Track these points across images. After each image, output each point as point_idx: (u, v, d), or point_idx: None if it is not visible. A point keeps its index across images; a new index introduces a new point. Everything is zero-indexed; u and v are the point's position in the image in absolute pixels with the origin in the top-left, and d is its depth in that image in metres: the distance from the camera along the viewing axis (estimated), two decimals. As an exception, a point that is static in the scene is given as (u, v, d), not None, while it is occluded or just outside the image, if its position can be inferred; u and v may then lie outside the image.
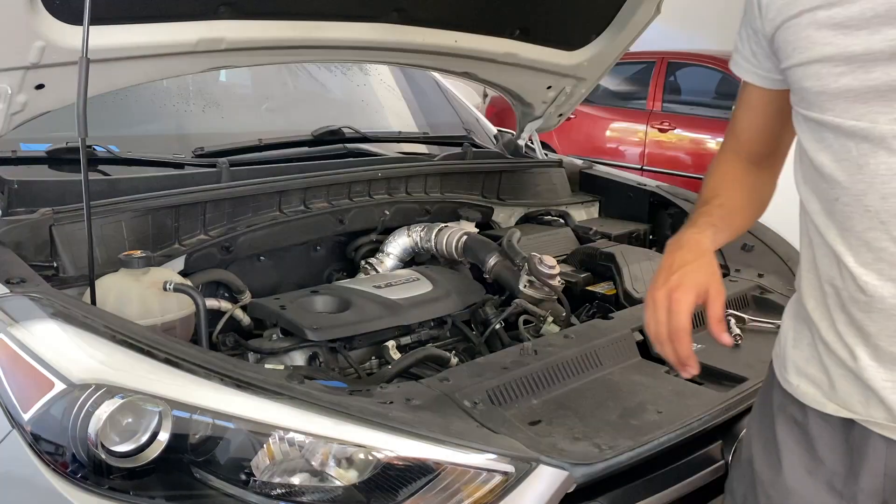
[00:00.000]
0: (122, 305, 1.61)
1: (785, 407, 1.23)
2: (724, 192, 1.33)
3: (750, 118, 1.32)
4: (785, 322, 1.27)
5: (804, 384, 1.19)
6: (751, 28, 1.21)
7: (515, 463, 1.31)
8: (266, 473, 1.27)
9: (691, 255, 1.21)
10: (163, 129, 2.51)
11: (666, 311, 1.18)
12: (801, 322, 1.21)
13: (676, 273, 1.19)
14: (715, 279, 1.20)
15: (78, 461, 1.25)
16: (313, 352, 1.79)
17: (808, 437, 1.19)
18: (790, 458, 1.21)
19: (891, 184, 1.01)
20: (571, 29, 2.51)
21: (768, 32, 1.15)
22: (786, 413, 1.23)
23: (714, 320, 1.18)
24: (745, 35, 1.23)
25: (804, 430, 1.20)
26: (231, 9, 1.88)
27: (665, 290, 1.18)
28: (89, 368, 1.31)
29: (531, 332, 1.98)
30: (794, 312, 1.24)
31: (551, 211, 2.72)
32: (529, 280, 2.05)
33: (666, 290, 1.18)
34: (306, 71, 2.94)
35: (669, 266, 1.20)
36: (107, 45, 1.74)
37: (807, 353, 1.19)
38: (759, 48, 1.21)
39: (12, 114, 1.76)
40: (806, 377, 1.19)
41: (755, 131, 1.32)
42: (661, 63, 7.37)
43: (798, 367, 1.20)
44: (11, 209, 1.81)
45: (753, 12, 1.18)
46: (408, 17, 2.17)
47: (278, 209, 2.16)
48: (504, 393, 1.53)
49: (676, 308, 1.17)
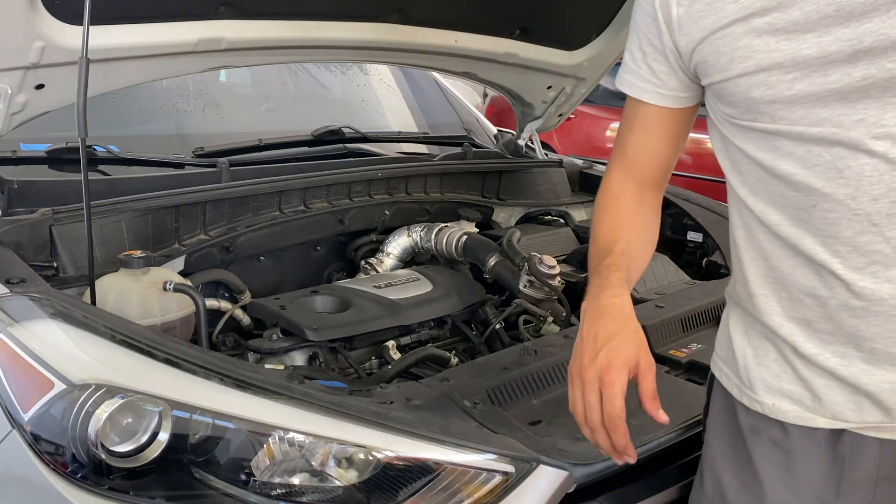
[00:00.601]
0: (122, 305, 1.61)
1: (759, 430, 1.17)
2: (623, 235, 1.24)
3: (645, 141, 1.26)
4: (735, 341, 1.21)
5: (781, 402, 1.14)
6: (649, 46, 1.17)
7: (515, 463, 1.31)
8: (266, 473, 1.27)
9: (615, 324, 1.12)
10: (163, 129, 2.51)
11: (597, 394, 1.08)
12: (760, 338, 1.17)
13: (604, 349, 1.09)
14: (644, 350, 1.11)
15: (78, 461, 1.25)
16: (313, 352, 1.79)
17: (789, 457, 1.14)
18: (772, 483, 1.16)
19: (879, 184, 0.98)
20: (571, 29, 2.51)
21: (684, 48, 1.11)
22: (761, 436, 1.17)
23: (647, 397, 1.09)
24: (640, 55, 1.19)
25: (784, 449, 1.15)
26: (231, 9, 1.88)
27: (594, 371, 1.08)
28: (89, 368, 1.31)
29: (531, 332, 1.98)
30: (745, 329, 1.19)
31: (551, 211, 2.72)
32: (529, 280, 2.05)
33: (595, 371, 1.08)
34: (306, 71, 2.94)
35: (594, 339, 1.10)
36: (107, 45, 1.74)
37: (775, 369, 1.14)
38: (662, 66, 1.17)
39: (12, 114, 1.76)
40: (781, 394, 1.14)
41: (651, 154, 1.26)
42: (661, 63, 7.35)
43: (769, 385, 1.15)
44: (11, 209, 1.81)
45: (654, 31, 1.15)
46: (408, 17, 2.17)
47: (278, 209, 2.16)
48: (504, 393, 1.53)
49: (610, 392, 1.06)
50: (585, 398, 1.09)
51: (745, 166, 1.12)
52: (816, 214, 1.04)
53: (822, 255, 1.05)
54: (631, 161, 1.28)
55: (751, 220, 1.13)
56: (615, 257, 1.20)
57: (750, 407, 1.18)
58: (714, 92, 1.12)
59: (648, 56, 1.18)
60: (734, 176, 1.15)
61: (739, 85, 1.06)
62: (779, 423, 1.15)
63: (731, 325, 1.23)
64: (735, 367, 1.21)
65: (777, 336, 1.13)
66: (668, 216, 2.70)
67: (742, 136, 1.10)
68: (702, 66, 1.11)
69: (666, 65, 1.17)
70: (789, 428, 1.14)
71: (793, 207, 1.06)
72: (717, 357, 1.29)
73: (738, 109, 1.08)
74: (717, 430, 1.27)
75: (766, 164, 1.07)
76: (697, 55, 1.10)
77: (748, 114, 1.07)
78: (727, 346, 1.24)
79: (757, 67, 1.03)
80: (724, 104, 1.11)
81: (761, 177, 1.09)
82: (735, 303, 1.24)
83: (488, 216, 2.62)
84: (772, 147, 1.06)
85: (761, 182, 1.09)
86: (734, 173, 1.15)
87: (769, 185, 1.08)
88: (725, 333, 1.26)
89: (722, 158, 1.17)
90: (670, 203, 2.68)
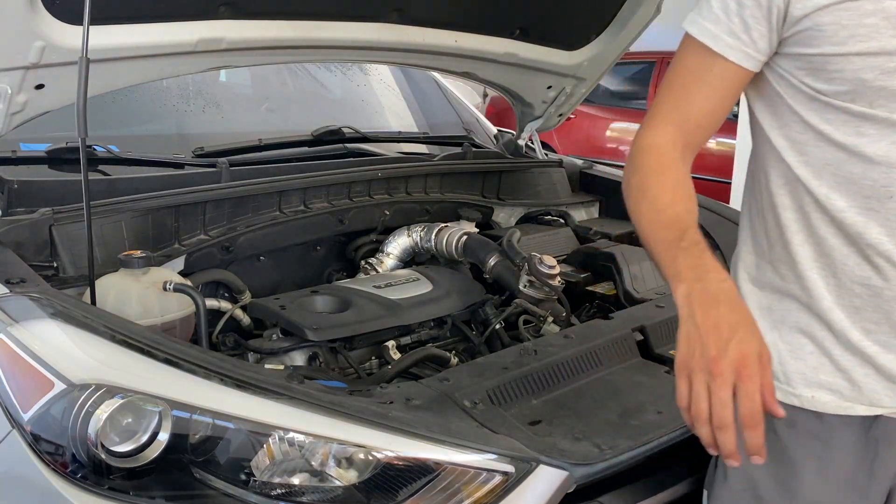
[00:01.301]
0: (121, 305, 1.61)
1: (795, 423, 1.17)
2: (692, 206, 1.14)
3: (712, 100, 1.15)
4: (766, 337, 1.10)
5: (820, 394, 1.15)
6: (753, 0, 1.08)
7: (515, 463, 1.31)
8: (266, 473, 1.27)
9: (736, 314, 1.00)
10: (163, 129, 2.51)
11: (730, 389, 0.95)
12: (793, 332, 1.17)
13: (733, 340, 0.97)
14: (764, 342, 1.01)
15: (78, 461, 1.25)
16: (313, 352, 1.79)
17: (825, 447, 1.16)
18: (809, 474, 1.17)
19: None
20: (571, 29, 2.51)
21: (797, 10, 1.04)
22: (797, 429, 1.18)
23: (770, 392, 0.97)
24: (734, 6, 1.09)
25: (822, 440, 1.16)
26: (231, 9, 1.88)
27: (728, 363, 0.95)
28: (89, 368, 1.31)
29: (531, 332, 1.98)
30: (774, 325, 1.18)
31: (551, 211, 2.72)
32: (529, 280, 2.05)
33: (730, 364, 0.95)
34: (306, 71, 2.94)
35: (716, 328, 0.98)
36: (107, 45, 1.74)
37: (812, 362, 1.15)
38: (760, 24, 1.08)
39: (12, 114, 1.76)
40: (819, 386, 1.15)
41: (712, 117, 1.16)
42: (661, 63, 7.37)
43: (806, 378, 1.16)
44: (11, 209, 1.81)
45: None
46: (408, 17, 2.17)
47: (278, 209, 2.16)
48: (504, 393, 1.53)
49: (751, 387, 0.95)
50: (716, 393, 0.95)
51: (813, 148, 1.08)
52: (891, 205, 1.03)
53: (887, 246, 1.05)
54: (690, 120, 1.16)
55: (808, 202, 1.11)
56: (696, 233, 1.09)
57: (784, 401, 1.16)
58: (812, 64, 1.05)
59: (746, 9, 1.08)
60: (793, 156, 1.11)
61: (853, 63, 1.01)
62: (815, 413, 1.16)
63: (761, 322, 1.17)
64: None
65: (821, 322, 1.13)
66: (668, 216, 2.70)
67: (822, 115, 1.06)
68: (810, 34, 1.04)
69: (765, 24, 1.08)
70: (826, 418, 1.15)
71: (864, 195, 1.05)
72: None
73: (837, 88, 1.04)
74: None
75: (847, 147, 1.05)
76: (810, 21, 1.03)
77: (848, 94, 1.03)
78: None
79: (879, 49, 0.99)
80: (819, 79, 1.05)
81: (833, 160, 1.06)
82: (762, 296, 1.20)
83: (488, 216, 2.62)
84: (856, 132, 1.04)
85: (830, 166, 1.07)
86: (793, 153, 1.11)
87: (841, 169, 1.06)
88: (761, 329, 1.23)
89: (775, 136, 1.13)
90: (670, 203, 2.67)
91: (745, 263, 1.25)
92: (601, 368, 1.69)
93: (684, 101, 1.16)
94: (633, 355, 1.78)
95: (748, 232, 1.25)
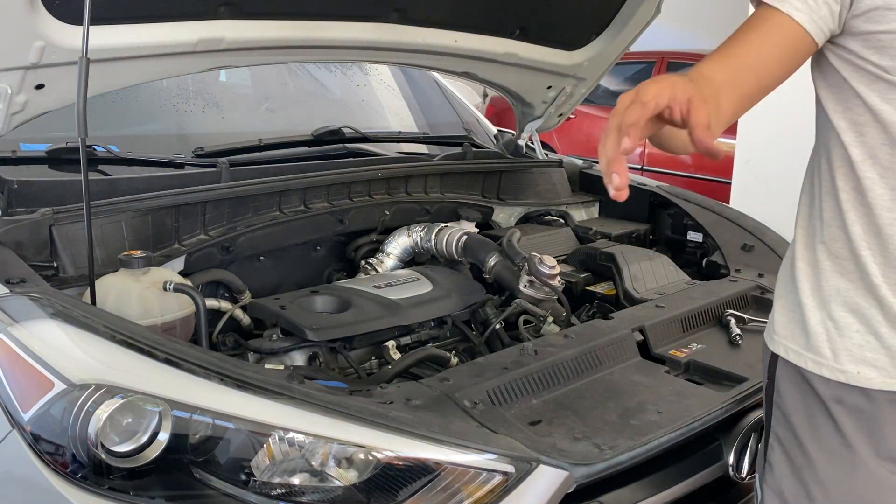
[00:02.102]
0: (122, 305, 1.61)
1: (842, 399, 1.22)
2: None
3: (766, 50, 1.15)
4: (811, 317, 1.25)
5: (866, 370, 1.20)
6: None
7: (515, 463, 1.31)
8: (266, 473, 1.27)
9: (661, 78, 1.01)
10: (163, 129, 2.51)
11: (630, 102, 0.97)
12: (841, 310, 1.22)
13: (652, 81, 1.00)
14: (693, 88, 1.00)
15: (78, 461, 1.25)
16: (313, 352, 1.79)
17: (874, 422, 1.21)
18: (862, 447, 1.22)
19: None
20: (571, 29, 2.51)
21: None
22: (845, 404, 1.22)
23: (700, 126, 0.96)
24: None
25: (870, 415, 1.21)
26: (231, 9, 1.88)
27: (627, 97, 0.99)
28: (89, 368, 1.31)
29: (531, 332, 1.98)
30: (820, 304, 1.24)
31: (551, 211, 2.73)
32: (529, 280, 2.05)
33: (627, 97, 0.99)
34: (306, 71, 2.94)
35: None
36: (107, 45, 1.74)
37: (858, 340, 1.20)
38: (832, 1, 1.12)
39: (12, 114, 1.76)
40: (864, 363, 1.20)
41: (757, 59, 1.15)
42: (661, 63, 7.37)
43: (853, 354, 1.21)
44: (11, 209, 1.81)
45: None
46: (408, 17, 2.17)
47: (278, 209, 2.16)
48: (504, 393, 1.53)
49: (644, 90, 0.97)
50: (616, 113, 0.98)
51: (870, 129, 1.14)
52: None
53: None
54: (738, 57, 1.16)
55: (861, 181, 1.17)
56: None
57: (830, 377, 1.22)
58: (880, 42, 1.10)
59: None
60: (852, 136, 1.17)
61: None
62: (862, 390, 1.20)
63: (805, 301, 1.26)
64: (810, 341, 1.25)
65: (868, 299, 1.19)
66: (668, 216, 2.70)
67: (884, 95, 1.11)
68: (881, 13, 1.09)
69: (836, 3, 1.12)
70: (873, 394, 1.20)
71: None
72: (777, 337, 1.31)
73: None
74: (793, 406, 1.29)
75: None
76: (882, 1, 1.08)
77: None
78: (797, 326, 1.27)
79: None
80: (883, 56, 1.10)
81: (887, 141, 1.12)
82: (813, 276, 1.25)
83: (488, 216, 2.62)
84: None
85: (885, 146, 1.13)
86: (852, 134, 1.17)
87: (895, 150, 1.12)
88: (792, 314, 1.29)
89: (836, 118, 1.19)
90: (670, 203, 2.68)
91: (800, 245, 1.30)
92: (601, 368, 1.70)
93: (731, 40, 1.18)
94: (633, 355, 1.78)
95: (805, 216, 1.29)
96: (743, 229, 2.50)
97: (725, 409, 1.58)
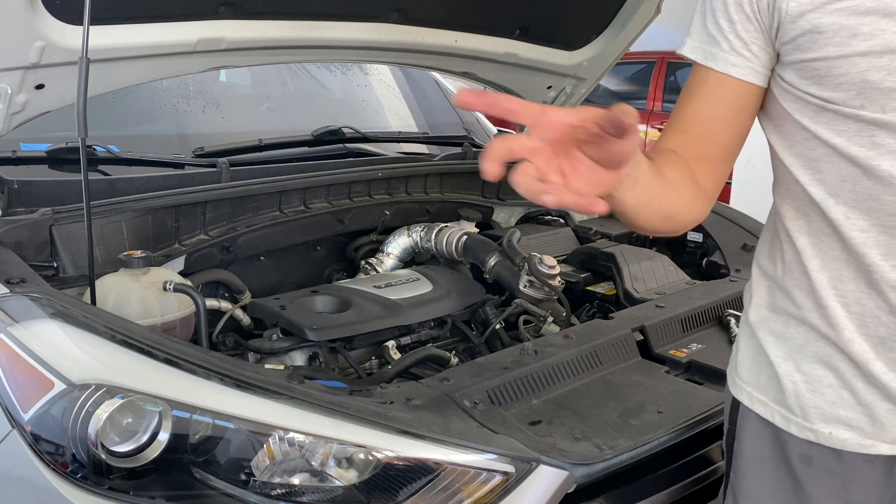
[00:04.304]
0: (122, 305, 1.61)
1: (811, 459, 1.10)
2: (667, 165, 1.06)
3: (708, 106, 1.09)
4: (779, 367, 1.12)
5: (839, 430, 1.07)
6: (739, 13, 1.04)
7: (515, 463, 1.31)
8: (266, 473, 1.27)
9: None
10: (163, 129, 2.50)
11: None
12: (811, 363, 1.09)
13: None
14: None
15: (78, 461, 1.25)
16: (313, 352, 1.79)
17: (844, 484, 1.09)
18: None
19: None
20: (571, 29, 2.51)
21: (792, 11, 0.98)
22: (814, 466, 1.10)
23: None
24: (726, 24, 1.05)
25: (840, 477, 1.09)
26: (231, 9, 1.88)
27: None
28: (89, 368, 1.31)
29: (531, 332, 1.98)
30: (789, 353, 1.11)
31: (551, 211, 2.72)
32: (529, 280, 2.05)
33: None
34: (306, 71, 2.94)
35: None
36: (107, 45, 1.74)
37: (830, 396, 1.07)
38: (755, 37, 1.04)
39: (12, 114, 1.76)
40: (838, 422, 1.07)
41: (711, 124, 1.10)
42: (661, 63, 7.38)
43: (824, 413, 1.08)
44: (11, 209, 1.81)
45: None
46: (408, 17, 2.17)
47: (278, 209, 2.16)
48: (504, 393, 1.53)
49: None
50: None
51: (827, 164, 1.01)
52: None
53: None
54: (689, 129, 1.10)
55: (824, 225, 1.04)
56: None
57: (800, 436, 1.10)
58: (815, 71, 0.98)
59: (738, 25, 1.04)
60: (806, 174, 1.04)
61: (857, 65, 0.95)
62: (833, 450, 1.08)
63: (769, 349, 1.13)
64: (777, 394, 1.12)
65: (842, 353, 1.05)
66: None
67: (832, 127, 0.99)
68: (809, 38, 0.97)
69: (760, 35, 1.03)
70: (846, 455, 1.07)
71: (886, 213, 0.97)
72: (741, 382, 1.19)
73: (845, 94, 0.96)
74: (754, 460, 1.18)
75: (861, 161, 0.97)
76: (807, 23, 0.97)
77: (856, 99, 0.96)
78: (762, 372, 1.15)
79: (884, 48, 0.93)
80: (822, 86, 0.98)
81: (849, 176, 0.99)
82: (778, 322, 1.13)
83: (488, 216, 2.62)
84: (870, 142, 0.96)
85: (847, 183, 0.99)
86: (806, 171, 1.04)
87: (858, 185, 0.98)
88: (757, 358, 1.16)
89: (786, 155, 1.07)
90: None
91: (760, 287, 1.18)
92: (601, 368, 1.70)
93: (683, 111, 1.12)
94: (633, 355, 1.78)
95: (766, 256, 1.18)
96: (743, 229, 2.50)
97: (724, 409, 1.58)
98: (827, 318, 1.06)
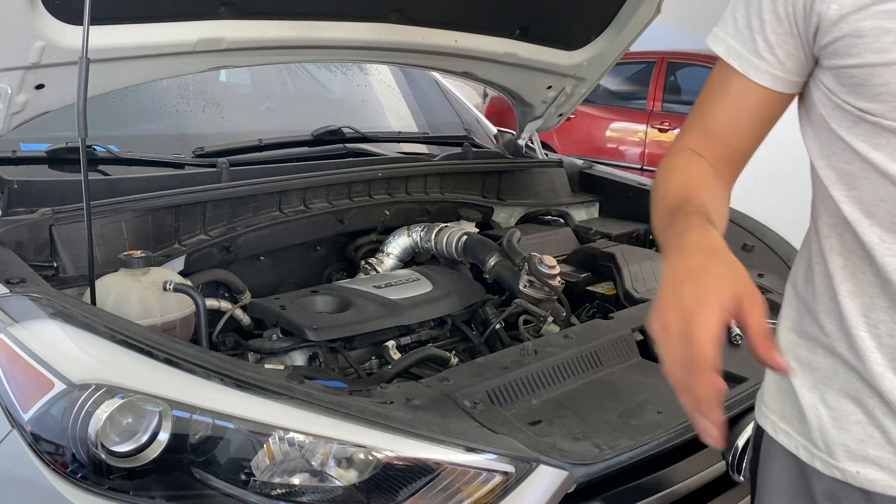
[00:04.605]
0: (122, 305, 1.61)
1: (837, 497, 1.02)
2: (700, 195, 1.02)
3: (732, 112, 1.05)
4: (803, 398, 1.04)
5: (866, 470, 0.99)
6: (771, 14, 0.97)
7: (515, 463, 1.31)
8: (266, 473, 1.27)
9: (699, 257, 0.86)
10: (163, 129, 2.50)
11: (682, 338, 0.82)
12: (838, 396, 1.01)
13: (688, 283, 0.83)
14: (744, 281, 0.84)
15: (78, 461, 1.25)
16: (313, 352, 1.79)
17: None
18: None
19: None
20: (571, 29, 2.51)
21: (831, 14, 0.90)
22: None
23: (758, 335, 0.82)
24: (756, 22, 0.98)
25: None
26: (231, 9, 1.88)
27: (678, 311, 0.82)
28: (89, 368, 1.31)
29: (531, 332, 1.98)
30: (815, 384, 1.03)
31: (551, 211, 2.73)
32: (529, 280, 2.05)
33: (679, 311, 0.82)
34: (306, 71, 2.94)
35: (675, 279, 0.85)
36: (107, 45, 1.74)
37: (859, 433, 0.99)
38: (784, 40, 0.97)
39: (12, 114, 1.76)
40: (866, 461, 0.99)
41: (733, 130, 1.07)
42: (661, 63, 7.38)
43: (851, 451, 1.00)
44: (11, 209, 1.81)
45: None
46: (408, 17, 2.17)
47: (278, 209, 2.16)
48: (504, 393, 1.53)
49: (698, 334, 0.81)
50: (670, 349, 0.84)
51: (864, 180, 0.93)
52: None
53: None
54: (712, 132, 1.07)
55: (857, 247, 0.96)
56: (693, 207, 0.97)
57: (825, 472, 1.03)
58: (853, 79, 0.91)
59: (768, 27, 0.98)
60: (840, 190, 0.96)
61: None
62: (862, 490, 1.00)
63: (795, 377, 1.05)
64: (803, 427, 1.05)
65: (871, 389, 0.97)
66: (668, 216, 2.70)
67: (870, 141, 0.91)
68: (848, 41, 0.90)
69: (789, 39, 0.97)
70: (874, 496, 1.00)
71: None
72: (767, 410, 1.12)
73: (885, 105, 0.88)
74: (777, 491, 1.11)
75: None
76: (848, 26, 0.89)
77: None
78: (788, 402, 1.08)
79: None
80: (860, 96, 0.91)
81: (887, 196, 0.91)
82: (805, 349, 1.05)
83: (488, 216, 2.62)
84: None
85: (885, 203, 0.91)
86: (841, 187, 0.96)
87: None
88: (783, 386, 1.08)
89: (822, 166, 0.99)
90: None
91: (791, 309, 1.11)
92: (601, 368, 1.70)
93: (707, 112, 1.08)
94: (633, 355, 1.78)
95: (802, 276, 1.09)
96: (743, 229, 2.49)
97: (725, 408, 1.58)
98: (855, 350, 0.98)
